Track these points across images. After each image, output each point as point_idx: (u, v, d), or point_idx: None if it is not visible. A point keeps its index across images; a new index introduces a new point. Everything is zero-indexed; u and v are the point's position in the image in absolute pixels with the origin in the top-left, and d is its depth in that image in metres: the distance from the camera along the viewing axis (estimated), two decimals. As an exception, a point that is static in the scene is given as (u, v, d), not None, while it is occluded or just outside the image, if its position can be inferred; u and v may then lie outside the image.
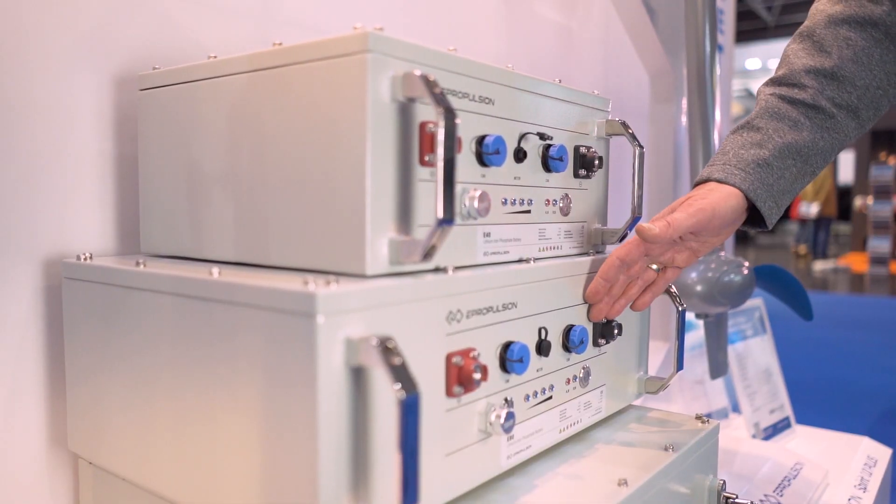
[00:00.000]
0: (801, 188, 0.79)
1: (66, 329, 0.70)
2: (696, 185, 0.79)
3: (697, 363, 1.67)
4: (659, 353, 1.57)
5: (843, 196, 11.73)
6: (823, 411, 2.96)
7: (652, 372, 0.91)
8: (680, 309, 0.86)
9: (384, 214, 0.55)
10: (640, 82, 1.55)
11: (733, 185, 0.75)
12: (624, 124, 0.80)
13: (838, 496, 1.24)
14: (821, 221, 9.65)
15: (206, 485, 0.57)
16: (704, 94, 1.31)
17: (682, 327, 0.87)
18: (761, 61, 13.77)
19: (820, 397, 3.22)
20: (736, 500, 0.80)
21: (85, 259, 0.69)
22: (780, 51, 0.84)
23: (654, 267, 0.79)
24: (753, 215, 0.78)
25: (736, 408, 1.60)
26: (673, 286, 0.85)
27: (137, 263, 0.64)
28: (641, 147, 0.80)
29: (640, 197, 0.80)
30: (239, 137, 0.63)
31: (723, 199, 0.73)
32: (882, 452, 1.48)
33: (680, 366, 0.87)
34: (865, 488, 1.29)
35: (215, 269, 0.57)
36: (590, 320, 0.76)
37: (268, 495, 0.51)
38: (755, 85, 14.33)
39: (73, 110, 0.74)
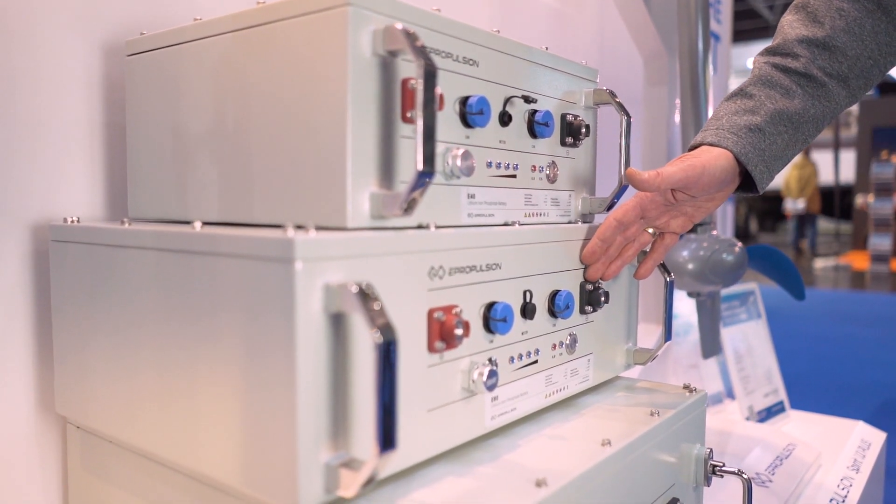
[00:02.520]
0: (792, 155, 0.80)
1: (53, 292, 0.71)
2: (689, 149, 0.80)
3: (692, 347, 1.67)
4: (652, 336, 1.57)
5: (845, 195, 11.72)
6: (822, 404, 2.95)
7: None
8: (668, 279, 0.86)
9: (365, 168, 0.55)
10: (634, 67, 1.55)
11: (725, 148, 0.76)
12: (611, 93, 0.81)
13: (831, 476, 1.24)
14: (805, 217, 9.95)
15: (188, 438, 0.57)
16: (697, 94, 1.30)
17: (670, 298, 0.87)
18: (763, 60, 13.73)
19: (819, 391, 3.22)
20: (723, 469, 0.80)
21: (72, 222, 0.69)
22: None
23: (651, 231, 0.80)
24: (746, 182, 0.79)
25: (731, 393, 1.60)
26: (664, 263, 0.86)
27: (122, 222, 0.64)
28: (629, 116, 0.80)
29: (627, 163, 0.80)
30: (224, 97, 0.64)
31: (713, 158, 0.75)
32: (876, 436, 1.48)
33: (668, 337, 0.87)
34: (858, 469, 1.29)
35: (197, 223, 0.57)
36: (586, 280, 0.77)
37: (249, 444, 0.52)
38: (756, 84, 14.25)
39: (62, 78, 0.75)
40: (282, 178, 0.59)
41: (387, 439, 0.47)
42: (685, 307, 1.75)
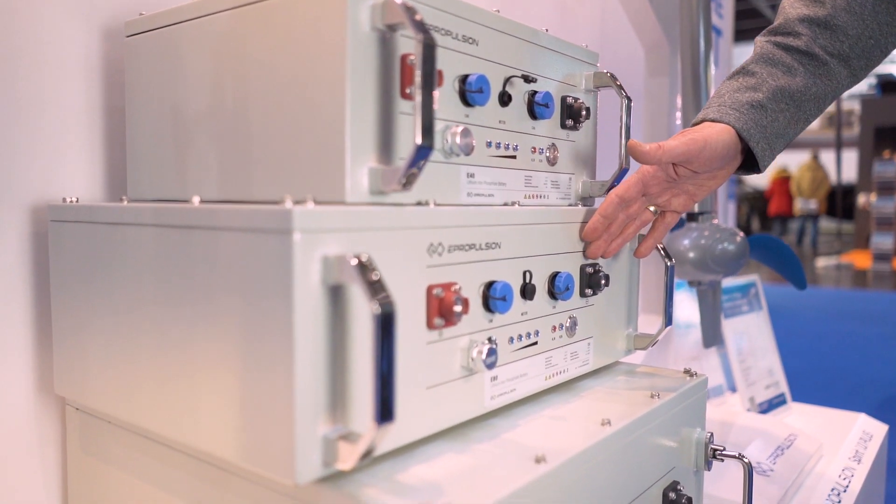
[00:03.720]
0: (794, 134, 0.80)
1: (52, 272, 0.71)
2: (692, 126, 0.80)
3: (694, 343, 1.67)
4: (655, 326, 1.56)
5: (847, 194, 11.72)
6: (825, 399, 2.95)
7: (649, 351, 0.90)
8: (668, 264, 0.86)
9: (364, 143, 0.55)
10: (635, 58, 1.55)
11: (727, 124, 0.76)
12: (612, 76, 0.80)
13: (832, 467, 1.24)
14: (810, 218, 10.85)
15: (187, 414, 0.57)
16: (698, 86, 1.29)
17: (670, 283, 0.87)
18: (765, 59, 13.70)
19: (822, 386, 3.21)
20: (723, 453, 0.80)
21: (71, 202, 0.69)
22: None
23: (652, 209, 0.80)
24: (747, 161, 0.79)
25: (732, 386, 1.60)
26: (662, 242, 0.85)
27: (121, 200, 0.64)
28: (629, 98, 0.80)
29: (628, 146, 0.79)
30: (222, 76, 0.63)
31: (715, 133, 0.75)
32: (878, 428, 1.48)
33: (668, 322, 0.87)
34: (860, 460, 1.29)
35: (196, 198, 0.57)
36: (586, 257, 0.77)
37: (247, 418, 0.51)
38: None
39: (62, 61, 0.75)
40: (280, 155, 0.59)
41: (385, 411, 0.47)
42: (686, 305, 1.73)
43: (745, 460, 0.79)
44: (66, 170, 0.75)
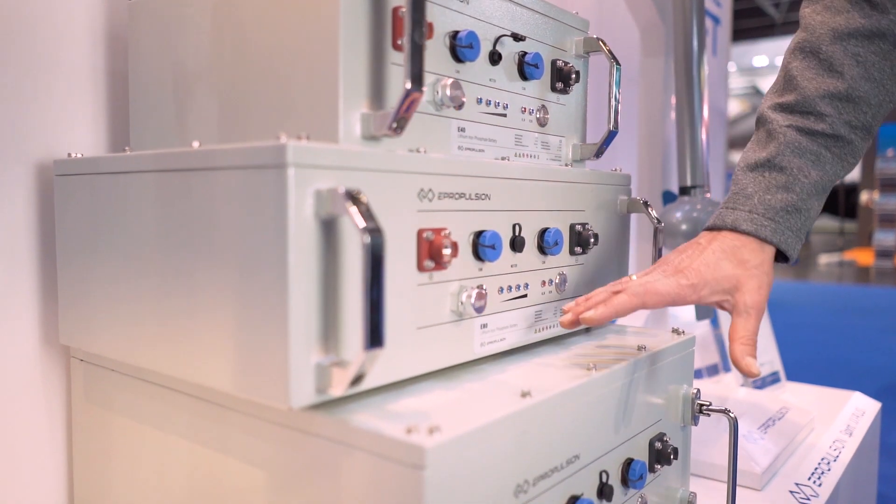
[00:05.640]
0: (816, 217, 0.78)
1: (57, 226, 0.73)
2: (712, 228, 0.75)
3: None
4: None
5: (850, 193, 11.73)
6: (824, 385, 2.96)
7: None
8: (656, 226, 0.88)
9: (357, 90, 0.57)
10: (631, 40, 1.57)
11: (764, 240, 0.72)
12: (601, 41, 0.83)
13: (823, 438, 1.25)
14: None
15: (187, 351, 0.59)
16: (692, 95, 1.30)
17: (658, 246, 0.89)
18: (768, 58, 13.73)
19: (820, 374, 3.22)
20: (710, 408, 0.82)
21: (75, 157, 0.72)
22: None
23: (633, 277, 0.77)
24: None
25: (727, 367, 1.61)
26: (652, 209, 0.87)
27: (123, 150, 0.66)
28: (618, 63, 0.82)
29: (616, 110, 0.82)
30: (221, 28, 0.66)
31: (730, 259, 0.71)
32: (871, 405, 1.50)
33: (657, 283, 0.89)
34: (851, 433, 1.31)
35: (195, 143, 0.59)
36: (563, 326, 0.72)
37: (244, 350, 0.54)
38: (762, 82, 14.28)
39: (67, 22, 0.77)
40: (277, 106, 0.61)
41: (374, 336, 0.49)
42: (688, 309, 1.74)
43: (731, 415, 0.81)
44: (71, 129, 0.78)
